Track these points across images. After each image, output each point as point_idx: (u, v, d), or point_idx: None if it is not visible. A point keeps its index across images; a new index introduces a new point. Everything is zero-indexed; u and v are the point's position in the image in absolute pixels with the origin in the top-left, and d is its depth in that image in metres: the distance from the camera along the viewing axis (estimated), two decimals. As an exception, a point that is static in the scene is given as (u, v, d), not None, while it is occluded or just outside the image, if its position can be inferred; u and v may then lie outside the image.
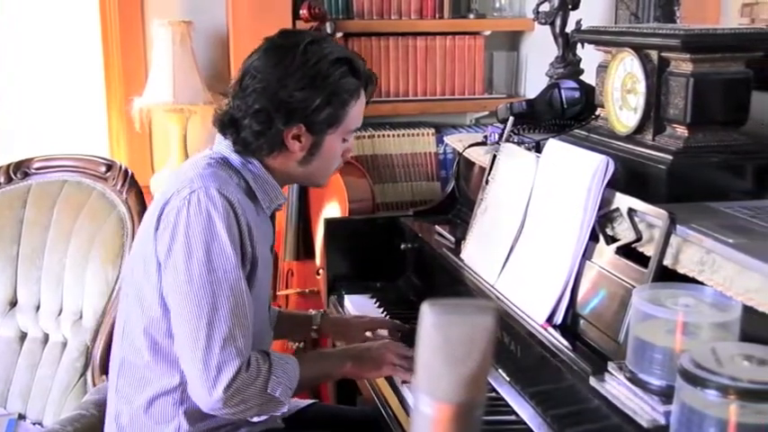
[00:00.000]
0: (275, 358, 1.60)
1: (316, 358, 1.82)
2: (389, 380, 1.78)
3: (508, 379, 1.67)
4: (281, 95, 1.59)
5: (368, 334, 1.95)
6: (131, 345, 1.64)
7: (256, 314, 1.62)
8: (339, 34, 2.96)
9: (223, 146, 1.68)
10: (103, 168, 2.25)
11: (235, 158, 1.66)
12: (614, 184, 1.51)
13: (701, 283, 1.26)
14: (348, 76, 1.64)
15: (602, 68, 1.77)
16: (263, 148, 1.64)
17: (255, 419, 1.64)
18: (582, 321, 1.49)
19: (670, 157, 1.56)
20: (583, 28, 2.04)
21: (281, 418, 1.78)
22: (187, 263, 1.53)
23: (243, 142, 1.64)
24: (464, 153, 2.25)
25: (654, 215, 1.39)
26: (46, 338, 2.20)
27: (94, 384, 2.11)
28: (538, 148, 1.82)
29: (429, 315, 0.66)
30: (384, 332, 1.96)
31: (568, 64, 2.34)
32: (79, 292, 2.18)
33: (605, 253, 1.48)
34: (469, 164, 2.26)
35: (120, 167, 2.26)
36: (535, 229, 1.66)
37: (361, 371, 1.74)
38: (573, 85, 2.14)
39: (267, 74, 1.61)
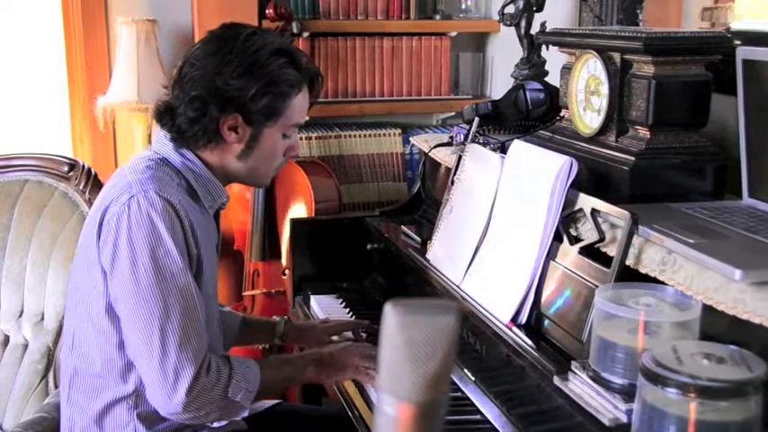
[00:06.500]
0: (236, 363, 1.59)
1: (278, 363, 1.79)
2: (355, 380, 1.78)
3: (473, 378, 1.68)
4: (217, 83, 1.57)
5: (333, 338, 1.92)
6: (82, 355, 1.61)
7: (207, 315, 1.60)
8: (305, 34, 2.95)
9: (162, 144, 1.65)
10: (66, 168, 2.22)
11: (175, 158, 1.63)
12: (578, 185, 1.52)
13: (663, 283, 1.27)
14: (288, 67, 1.61)
15: (567, 70, 1.79)
16: (198, 136, 1.60)
17: (216, 425, 1.62)
18: (546, 321, 1.50)
19: (632, 159, 1.57)
20: (547, 30, 2.06)
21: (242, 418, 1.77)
22: (133, 269, 1.49)
23: (178, 130, 1.61)
24: (430, 153, 2.26)
25: (616, 216, 1.41)
26: (6, 340, 2.17)
27: (56, 387, 2.08)
28: (503, 148, 1.83)
29: (392, 315, 0.66)
30: (349, 334, 1.94)
31: (533, 65, 2.36)
32: (41, 293, 2.15)
33: (569, 253, 1.49)
34: (435, 164, 2.27)
35: (83, 167, 2.23)
36: (500, 229, 1.67)
37: (324, 375, 1.71)
38: (537, 86, 2.15)
39: (205, 62, 1.59)
